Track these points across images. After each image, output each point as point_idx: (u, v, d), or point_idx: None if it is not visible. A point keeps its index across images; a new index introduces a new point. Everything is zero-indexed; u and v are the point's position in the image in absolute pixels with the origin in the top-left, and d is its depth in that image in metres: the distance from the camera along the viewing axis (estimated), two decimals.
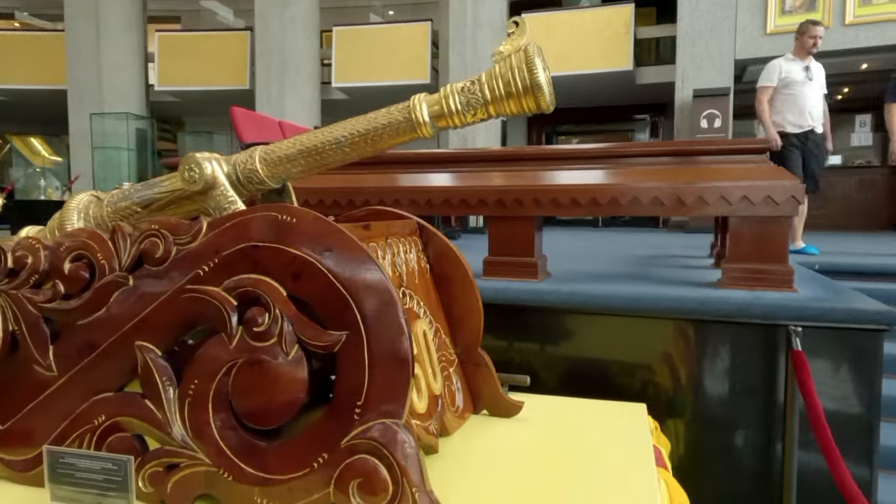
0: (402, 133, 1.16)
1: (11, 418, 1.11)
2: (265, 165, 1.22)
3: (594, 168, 2.05)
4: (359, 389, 0.95)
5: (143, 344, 1.05)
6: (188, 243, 1.06)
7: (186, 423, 1.01)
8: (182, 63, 10.60)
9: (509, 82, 1.06)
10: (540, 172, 2.08)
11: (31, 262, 1.13)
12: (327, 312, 0.98)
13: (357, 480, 0.93)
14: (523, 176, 2.13)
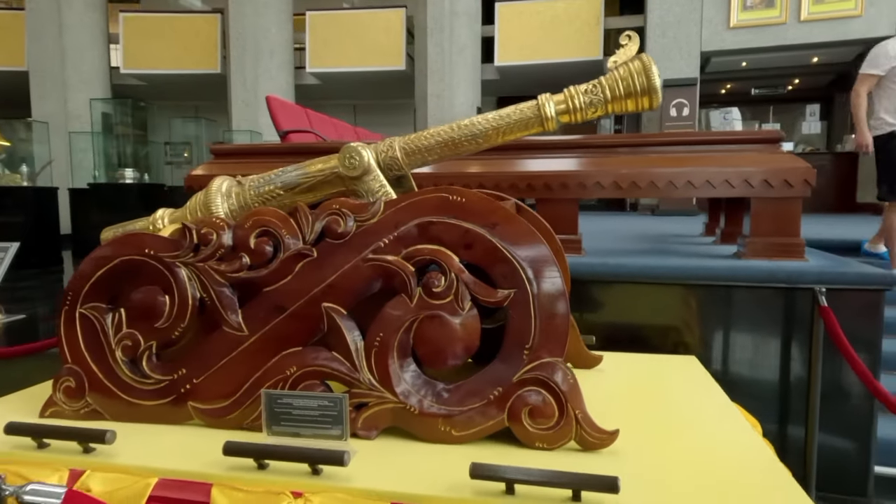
0: (530, 126, 1.37)
1: (203, 374, 1.29)
2: (405, 154, 1.42)
3: (628, 155, 2.31)
4: (527, 335, 1.17)
5: (330, 305, 1.24)
6: (368, 220, 1.25)
7: (374, 369, 1.21)
8: (149, 45, 10.32)
9: (629, 85, 1.29)
10: (580, 159, 2.33)
11: (216, 238, 1.30)
12: (496, 274, 1.20)
13: (528, 408, 1.16)
14: (564, 162, 2.37)
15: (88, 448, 1.17)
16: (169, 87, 11.26)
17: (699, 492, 1.00)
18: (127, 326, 1.33)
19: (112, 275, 1.34)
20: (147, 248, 1.33)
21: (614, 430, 1.14)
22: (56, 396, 1.35)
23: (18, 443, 1.20)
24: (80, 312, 1.34)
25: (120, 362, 1.32)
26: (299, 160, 2.86)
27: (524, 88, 11.70)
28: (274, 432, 1.18)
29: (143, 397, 1.31)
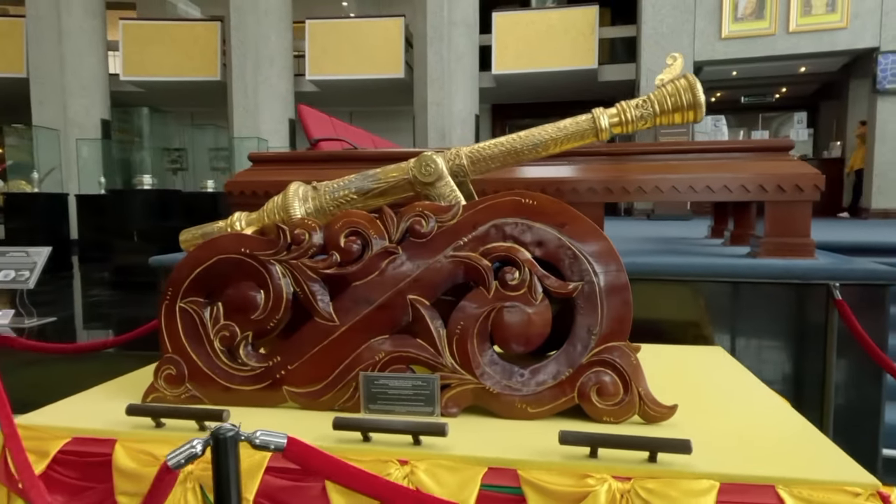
0: (585, 137, 1.53)
1: (297, 360, 1.42)
2: (471, 162, 1.57)
3: (653, 162, 2.48)
4: (594, 322, 1.33)
5: (415, 298, 1.39)
6: (448, 221, 1.40)
7: (455, 354, 1.36)
8: (148, 52, 10.37)
9: (677, 100, 1.45)
10: (611, 164, 2.50)
11: (308, 238, 1.43)
12: (566, 269, 1.35)
13: (596, 387, 1.31)
14: (593, 168, 2.53)
15: (204, 426, 1.30)
16: (167, 93, 11.31)
17: (756, 452, 1.15)
18: (224, 319, 1.46)
19: (210, 272, 1.47)
20: (244, 247, 1.46)
21: (673, 405, 1.30)
22: (157, 383, 1.48)
23: (137, 422, 1.33)
24: (179, 306, 1.47)
25: (218, 351, 1.45)
26: (331, 167, 3.01)
27: (519, 96, 11.95)
28: (370, 410, 1.32)
29: (240, 383, 1.44)
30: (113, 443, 1.30)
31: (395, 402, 1.31)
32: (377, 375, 1.31)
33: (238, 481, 0.81)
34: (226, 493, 0.76)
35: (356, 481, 0.91)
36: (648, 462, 1.11)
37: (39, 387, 2.76)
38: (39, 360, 2.92)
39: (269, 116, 9.30)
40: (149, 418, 1.33)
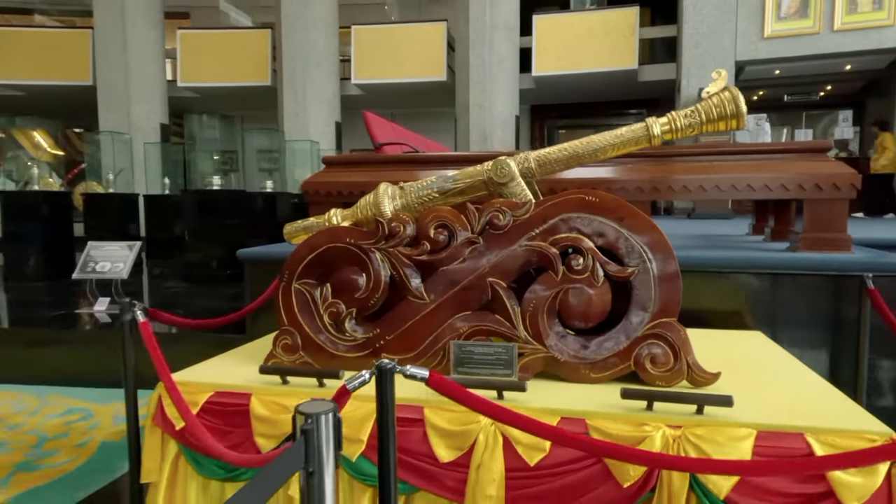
0: (640, 143, 1.76)
1: (394, 332, 1.69)
2: (538, 165, 1.81)
3: (700, 163, 2.68)
4: (649, 300, 1.56)
5: (494, 280, 1.64)
6: (522, 215, 1.65)
7: (528, 328, 1.61)
8: (203, 60, 10.94)
9: (722, 111, 1.67)
10: (662, 165, 2.70)
11: (403, 230, 1.71)
12: (624, 256, 1.59)
13: (650, 356, 1.54)
14: (641, 169, 2.74)
15: (322, 383, 1.58)
16: (220, 98, 11.87)
17: (790, 409, 1.37)
18: (332, 297, 1.74)
19: (319, 258, 1.76)
20: (349, 237, 1.74)
21: (717, 372, 1.52)
22: (276, 351, 1.77)
23: (267, 380, 1.62)
24: (294, 287, 1.76)
25: (327, 325, 1.74)
26: (395, 168, 3.29)
27: (558, 97, 12.09)
28: (458, 372, 1.58)
29: (345, 351, 1.72)
30: (249, 396, 1.60)
31: (479, 366, 1.57)
32: (465, 343, 1.57)
33: (393, 403, 1.07)
34: (386, 410, 1.02)
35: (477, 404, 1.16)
36: (696, 414, 1.34)
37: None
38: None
39: (317, 119, 9.70)
40: (276, 376, 1.63)
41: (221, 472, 1.60)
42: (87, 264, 3.80)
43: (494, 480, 1.38)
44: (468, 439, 1.42)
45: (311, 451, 0.76)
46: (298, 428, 0.79)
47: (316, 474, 0.77)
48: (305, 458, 0.75)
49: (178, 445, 1.65)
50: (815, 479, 1.23)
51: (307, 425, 0.77)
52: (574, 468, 1.36)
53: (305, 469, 0.76)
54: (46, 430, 2.65)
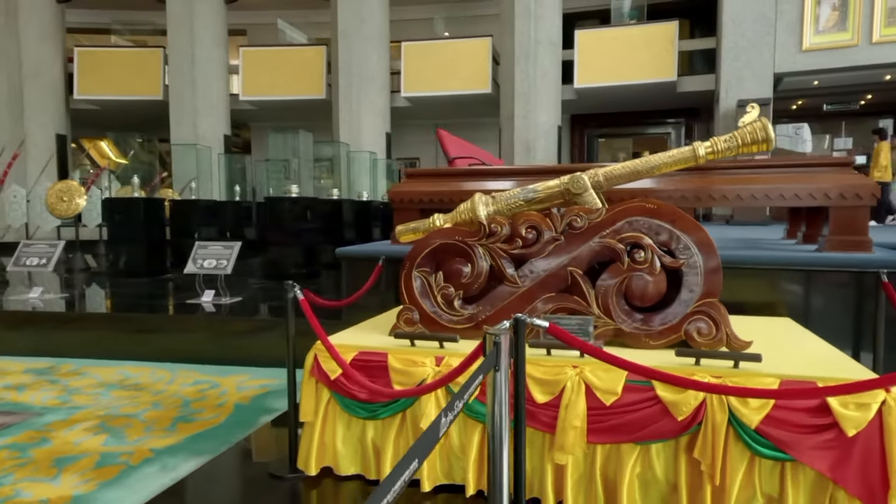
0: (688, 163, 2.21)
1: (493, 310, 2.18)
2: (605, 179, 2.28)
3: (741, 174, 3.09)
4: (696, 284, 2.01)
5: (573, 269, 2.12)
6: (595, 219, 2.12)
7: (600, 305, 2.07)
8: (264, 75, 11.72)
9: (755, 137, 2.11)
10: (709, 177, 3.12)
11: (500, 230, 2.20)
12: (675, 250, 2.04)
13: (697, 328, 1.99)
14: (685, 180, 3.17)
15: (443, 345, 2.08)
16: (276, 111, 12.66)
17: (808, 367, 1.80)
18: (444, 282, 2.24)
19: (434, 252, 2.26)
20: (458, 236, 2.24)
21: (750, 340, 1.96)
22: (399, 324, 2.28)
23: (398, 343, 2.13)
24: (414, 273, 2.27)
25: (440, 304, 2.24)
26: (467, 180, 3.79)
27: (598, 107, 12.48)
28: (547, 338, 2.05)
29: (455, 324, 2.22)
30: (386, 354, 2.10)
31: None
32: (551, 316, 2.05)
33: (524, 347, 1.54)
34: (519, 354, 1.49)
35: (584, 347, 1.64)
36: (733, 368, 1.79)
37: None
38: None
39: (369, 130, 10.33)
40: (407, 340, 2.13)
41: (363, 412, 2.11)
42: (195, 261, 4.41)
43: (579, 416, 1.85)
44: (558, 386, 1.89)
45: (500, 356, 1.25)
46: (490, 342, 1.28)
47: (501, 371, 1.25)
48: (497, 359, 1.24)
49: (330, 392, 2.16)
50: (824, 413, 1.67)
51: (497, 339, 1.26)
52: (640, 407, 1.82)
53: (494, 368, 1.25)
54: (187, 395, 3.23)
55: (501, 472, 1.29)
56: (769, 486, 1.75)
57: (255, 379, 3.52)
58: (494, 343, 1.26)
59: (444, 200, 3.60)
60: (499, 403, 1.27)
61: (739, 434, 1.73)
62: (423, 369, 2.03)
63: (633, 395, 1.84)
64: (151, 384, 3.43)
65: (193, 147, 8.41)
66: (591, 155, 13.78)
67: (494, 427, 1.29)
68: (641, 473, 1.86)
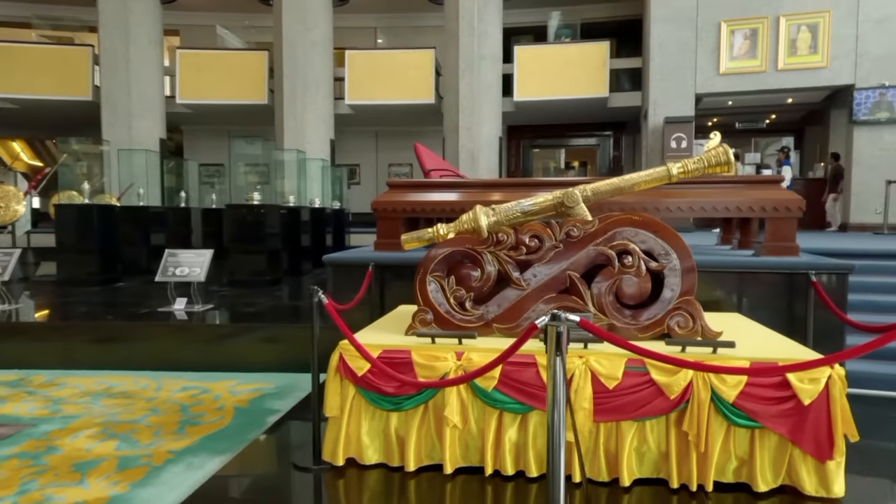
0: (662, 181, 2.58)
1: (501, 310, 2.45)
2: (593, 193, 2.62)
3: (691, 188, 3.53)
4: (676, 285, 2.37)
5: (571, 272, 2.43)
6: (590, 229, 2.44)
7: (595, 304, 2.40)
8: (203, 78, 11.42)
9: (719, 160, 2.50)
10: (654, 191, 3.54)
11: (507, 238, 2.47)
12: (657, 256, 2.40)
13: (677, 321, 2.35)
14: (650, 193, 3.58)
15: (461, 341, 2.33)
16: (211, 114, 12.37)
17: (768, 352, 2.20)
18: (455, 285, 2.49)
19: (447, 257, 2.51)
20: (468, 244, 2.50)
21: (720, 331, 2.34)
22: (414, 324, 2.50)
23: (420, 341, 2.36)
24: (429, 277, 2.51)
25: (453, 305, 2.49)
26: (445, 191, 4.03)
27: (534, 119, 13.09)
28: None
29: (467, 322, 2.47)
30: (409, 352, 2.32)
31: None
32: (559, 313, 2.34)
33: (562, 341, 1.81)
34: (559, 346, 1.76)
35: (609, 337, 1.93)
36: (712, 353, 2.16)
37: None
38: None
39: (314, 136, 10.35)
40: (426, 339, 2.36)
41: (388, 404, 2.32)
42: (166, 269, 4.39)
43: (587, 398, 2.15)
44: (569, 374, 2.19)
45: (561, 342, 1.52)
46: (553, 333, 1.54)
47: (560, 356, 1.52)
48: (557, 346, 1.51)
49: (355, 388, 2.35)
50: (785, 387, 2.06)
51: (560, 329, 1.53)
52: (638, 389, 2.15)
53: (557, 355, 1.52)
54: (182, 401, 3.28)
55: (560, 449, 1.55)
56: (741, 450, 2.13)
57: (245, 383, 3.61)
58: (557, 333, 1.53)
59: (425, 210, 3.85)
60: (559, 386, 1.54)
61: (719, 408, 2.09)
62: (445, 363, 2.27)
63: (631, 379, 2.16)
64: (139, 392, 3.44)
65: (142, 152, 8.11)
66: (526, 164, 14.40)
67: (555, 407, 1.56)
68: (638, 446, 2.19)
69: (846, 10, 8.70)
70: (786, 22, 8.84)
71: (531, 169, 14.43)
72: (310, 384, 3.68)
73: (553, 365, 1.54)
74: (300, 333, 4.12)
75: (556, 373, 1.53)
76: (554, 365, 1.54)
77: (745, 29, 8.99)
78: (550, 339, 1.54)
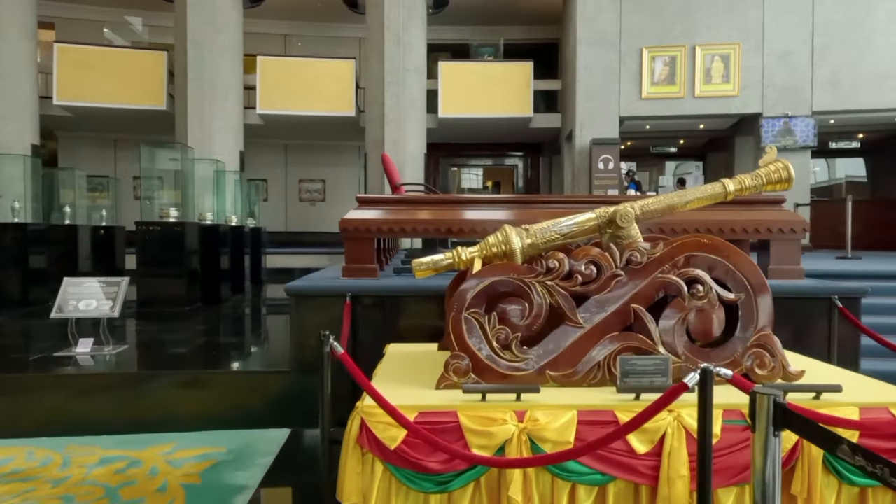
0: (717, 198, 2.28)
1: (555, 353, 2.00)
2: (642, 213, 2.26)
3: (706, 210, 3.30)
4: (753, 318, 2.05)
5: (636, 306, 2.04)
6: (655, 254, 2.07)
7: (665, 342, 2.02)
8: (85, 77, 9.96)
9: (779, 177, 2.25)
10: None
11: (558, 266, 2.04)
12: (731, 284, 2.07)
13: (757, 360, 2.03)
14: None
15: (520, 397, 1.84)
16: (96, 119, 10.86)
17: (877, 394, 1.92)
18: (499, 324, 2.01)
19: (485, 290, 2.02)
20: (512, 272, 2.03)
21: (801, 370, 2.05)
22: (447, 374, 1.98)
23: (462, 398, 1.84)
24: (464, 316, 2.00)
25: (495, 348, 2.00)
26: (419, 207, 3.56)
27: (453, 137, 12.87)
28: (624, 382, 1.93)
29: (512, 370, 1.99)
30: (455, 413, 1.80)
31: (641, 376, 1.94)
32: (630, 358, 1.93)
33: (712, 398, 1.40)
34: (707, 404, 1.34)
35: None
36: (814, 399, 1.84)
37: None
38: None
39: (222, 147, 9.34)
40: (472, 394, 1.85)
41: (430, 484, 1.78)
42: (66, 303, 3.47)
43: (683, 463, 1.75)
44: (658, 433, 1.78)
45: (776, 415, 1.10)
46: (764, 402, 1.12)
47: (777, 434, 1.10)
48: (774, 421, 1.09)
49: (384, 465, 1.79)
50: None
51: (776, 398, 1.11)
52: (739, 447, 1.79)
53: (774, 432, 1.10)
54: (104, 481, 2.49)
55: None
56: None
57: (185, 448, 2.86)
58: (774, 402, 1.11)
59: (404, 229, 3.33)
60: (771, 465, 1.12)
61: (831, 466, 1.78)
62: (505, 427, 1.77)
63: (732, 435, 1.79)
64: (39, 471, 2.59)
65: (19, 157, 6.69)
66: (444, 183, 14.13)
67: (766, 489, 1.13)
68: None
69: (754, 43, 9.34)
70: (701, 52, 9.32)
71: (449, 188, 14.18)
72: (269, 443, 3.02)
73: (767, 444, 1.11)
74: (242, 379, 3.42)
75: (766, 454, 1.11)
76: (767, 444, 1.11)
77: (664, 56, 9.36)
78: (760, 410, 1.11)
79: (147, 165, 5.46)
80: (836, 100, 9.30)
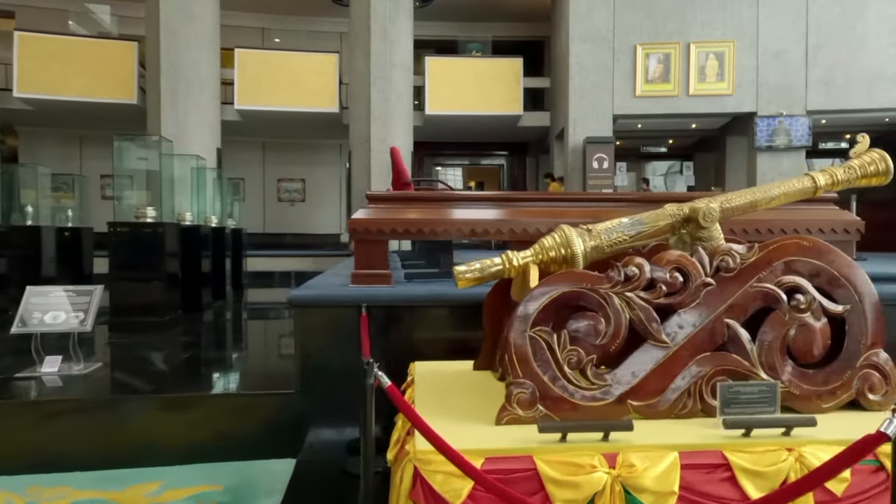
0: (807, 194, 1.98)
1: (638, 378, 1.67)
2: (723, 211, 1.94)
3: None
4: (863, 334, 1.75)
5: (729, 321, 1.71)
6: (749, 259, 1.75)
7: (765, 365, 1.70)
8: (48, 69, 9.29)
9: (875, 169, 1.96)
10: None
11: (639, 274, 1.71)
12: (837, 294, 1.76)
13: (868, 384, 1.73)
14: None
15: (608, 437, 1.50)
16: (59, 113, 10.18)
17: None
18: (570, 344, 1.67)
19: (554, 303, 1.68)
20: (585, 282, 1.69)
21: None
22: (510, 406, 1.63)
23: (542, 438, 1.49)
24: (529, 335, 1.65)
25: (567, 374, 1.65)
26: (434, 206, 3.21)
27: (438, 135, 12.51)
28: (725, 413, 1.61)
29: (588, 400, 1.65)
30: (531, 458, 1.45)
31: (745, 405, 1.61)
32: (732, 385, 1.61)
33: None
34: None
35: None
36: None
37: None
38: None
39: (198, 144, 8.80)
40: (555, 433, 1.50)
41: None
42: (30, 316, 3.00)
43: None
44: (777, 477, 1.45)
45: None
46: None
47: None
48: None
49: None
50: None
51: None
52: (874, 492, 1.47)
53: None
54: None
55: None
56: None
57: (175, 488, 2.44)
58: None
59: (422, 231, 2.96)
60: None
61: None
62: (596, 476, 1.42)
63: (863, 478, 1.48)
64: None
65: None
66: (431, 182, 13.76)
67: None
68: None
69: (748, 41, 9.21)
70: (695, 49, 9.16)
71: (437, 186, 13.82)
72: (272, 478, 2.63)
73: None
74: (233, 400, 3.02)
75: None
76: None
77: (658, 53, 9.17)
78: None
79: (121, 160, 4.98)
80: (829, 100, 9.24)
